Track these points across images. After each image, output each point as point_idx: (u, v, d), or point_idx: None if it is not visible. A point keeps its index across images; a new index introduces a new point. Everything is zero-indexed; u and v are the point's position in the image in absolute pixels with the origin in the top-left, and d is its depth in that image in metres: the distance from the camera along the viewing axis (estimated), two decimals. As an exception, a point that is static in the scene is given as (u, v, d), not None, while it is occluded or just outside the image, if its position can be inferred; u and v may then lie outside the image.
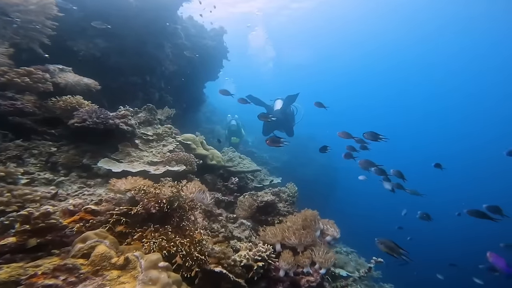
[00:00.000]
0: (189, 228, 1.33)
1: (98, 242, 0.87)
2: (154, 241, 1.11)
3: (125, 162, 2.15)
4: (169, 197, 1.31)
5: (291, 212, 2.86)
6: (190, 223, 1.39)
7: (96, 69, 3.56)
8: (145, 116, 2.85)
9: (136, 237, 1.09)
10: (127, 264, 0.89)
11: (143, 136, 2.51)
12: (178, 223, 1.32)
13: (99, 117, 1.93)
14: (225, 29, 6.23)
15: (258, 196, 2.85)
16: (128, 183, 1.28)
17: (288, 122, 4.93)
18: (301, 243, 2.07)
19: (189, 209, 1.45)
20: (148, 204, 1.20)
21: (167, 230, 1.22)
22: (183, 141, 2.92)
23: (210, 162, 3.15)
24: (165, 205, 1.26)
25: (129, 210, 1.15)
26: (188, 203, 1.43)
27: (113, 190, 1.26)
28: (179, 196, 1.37)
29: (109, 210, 1.12)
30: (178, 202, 1.35)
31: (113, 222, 1.08)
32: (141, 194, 1.21)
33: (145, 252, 1.03)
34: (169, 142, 2.64)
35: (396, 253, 2.01)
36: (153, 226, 1.19)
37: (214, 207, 2.37)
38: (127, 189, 1.23)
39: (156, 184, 1.35)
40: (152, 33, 4.12)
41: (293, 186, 3.13)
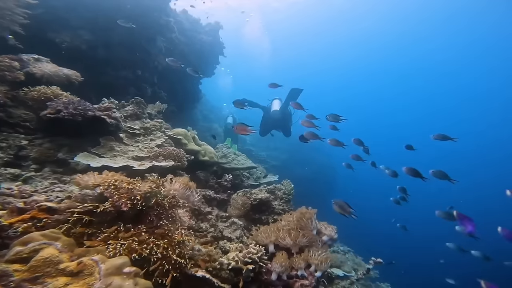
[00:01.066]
0: (167, 228, 1.17)
1: (45, 244, 0.72)
2: (123, 242, 0.95)
3: (107, 156, 1.99)
4: (144, 193, 1.15)
5: (287, 210, 2.71)
6: (170, 222, 1.24)
7: (82, 62, 3.40)
8: (133, 109, 2.69)
9: (101, 238, 0.93)
10: (82, 270, 0.74)
11: (129, 130, 2.35)
12: (155, 223, 1.16)
13: (77, 108, 1.77)
14: (221, 24, 6.06)
15: (252, 194, 2.69)
16: (98, 177, 1.13)
17: (286, 121, 4.83)
18: (295, 243, 1.92)
19: (170, 207, 1.29)
20: (118, 201, 1.04)
21: (141, 230, 1.07)
22: (173, 136, 2.76)
23: (202, 158, 2.99)
24: (140, 202, 1.10)
25: (96, 207, 0.99)
26: (169, 200, 1.27)
27: (79, 186, 1.10)
28: (157, 193, 1.22)
29: (71, 208, 0.97)
30: (155, 199, 1.19)
31: (74, 222, 0.93)
32: (111, 190, 1.05)
33: (109, 256, 0.87)
34: (157, 137, 2.48)
35: (346, 212, 2.17)
36: (124, 226, 1.04)
37: (204, 205, 2.22)
38: (95, 184, 1.08)
39: (131, 179, 1.20)
40: (143, 26, 3.95)
41: (289, 183, 2.98)
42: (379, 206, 15.86)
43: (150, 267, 0.99)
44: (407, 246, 11.98)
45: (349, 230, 10.61)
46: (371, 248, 7.08)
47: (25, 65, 1.99)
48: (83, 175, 1.14)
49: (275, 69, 21.35)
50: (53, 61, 2.64)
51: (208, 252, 1.44)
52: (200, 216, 2.02)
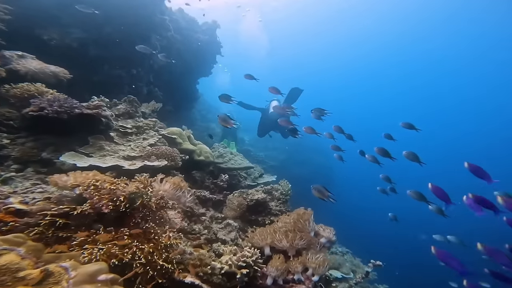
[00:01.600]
0: (154, 231, 1.09)
1: (6, 250, 0.63)
2: (101, 247, 0.87)
3: (95, 156, 1.90)
4: (129, 194, 1.07)
5: (284, 211, 2.63)
6: (157, 225, 1.15)
7: (74, 60, 3.31)
8: (125, 108, 2.60)
9: (76, 243, 0.85)
10: (46, 278, 0.65)
11: (120, 128, 2.27)
12: (140, 225, 1.08)
13: (62, 105, 1.68)
14: (218, 23, 5.99)
15: (248, 194, 2.61)
16: (78, 177, 1.04)
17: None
18: (292, 246, 1.84)
19: (158, 209, 1.21)
20: (99, 203, 0.96)
21: (123, 233, 0.98)
22: (167, 135, 2.68)
23: (197, 158, 2.91)
24: (123, 203, 1.02)
25: (72, 209, 0.91)
26: (156, 202, 1.19)
27: (57, 186, 1.02)
28: (144, 193, 1.13)
29: (44, 210, 0.89)
30: (141, 200, 1.11)
31: (47, 225, 0.85)
32: (91, 191, 0.97)
33: (83, 262, 0.79)
34: (150, 136, 2.40)
35: (325, 196, 2.20)
36: (104, 229, 0.95)
37: (198, 206, 2.14)
38: (74, 184, 0.99)
39: (115, 179, 1.11)
40: (137, 24, 3.87)
41: (286, 184, 2.90)
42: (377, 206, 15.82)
43: (132, 273, 0.91)
44: (407, 246, 11.93)
45: (347, 231, 10.55)
46: (370, 249, 7.00)
47: (8, 62, 1.90)
48: (61, 175, 1.05)
49: (274, 68, 21.29)
50: (43, 59, 2.55)
51: (199, 256, 1.35)
52: (193, 218, 1.93)
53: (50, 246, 0.80)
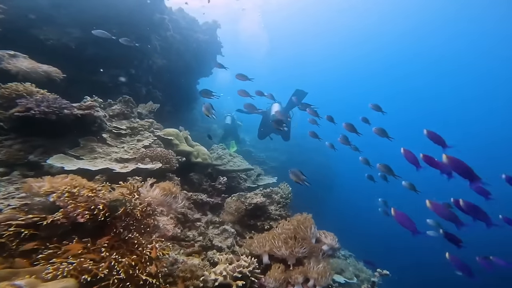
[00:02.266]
0: (138, 242, 0.99)
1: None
2: (71, 261, 0.77)
3: (86, 158, 1.81)
4: (109, 201, 0.97)
5: (284, 216, 2.51)
6: (142, 234, 1.05)
7: (71, 60, 3.24)
8: (120, 108, 2.52)
9: (42, 256, 0.75)
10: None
11: (113, 130, 2.18)
12: (122, 236, 0.98)
13: (50, 106, 1.60)
14: (218, 23, 5.91)
15: (247, 198, 2.51)
16: (53, 182, 0.95)
17: (286, 125, 4.70)
18: (292, 254, 1.73)
19: (144, 217, 1.10)
20: (73, 211, 0.86)
21: (101, 245, 0.89)
22: (163, 136, 2.59)
23: (195, 160, 2.81)
24: (102, 212, 0.92)
25: (42, 219, 0.81)
26: (142, 209, 1.09)
27: (30, 192, 0.93)
28: (127, 201, 1.03)
29: (10, 219, 0.80)
30: (124, 208, 1.01)
31: (11, 236, 0.75)
32: (65, 198, 0.87)
33: (46, 279, 0.69)
34: (145, 137, 2.31)
35: (300, 180, 2.27)
36: (78, 241, 0.86)
37: (193, 210, 2.04)
38: (47, 191, 0.90)
39: (96, 185, 1.01)
40: (136, 24, 3.80)
41: (286, 187, 2.79)
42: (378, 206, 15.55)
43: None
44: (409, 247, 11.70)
45: (349, 232, 10.36)
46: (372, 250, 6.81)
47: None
48: (37, 179, 0.96)
49: (274, 67, 21.13)
50: (40, 59, 2.48)
51: (190, 267, 1.25)
52: (187, 224, 1.83)
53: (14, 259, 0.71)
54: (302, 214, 2.06)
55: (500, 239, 11.24)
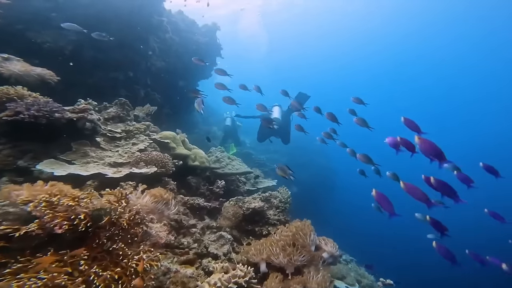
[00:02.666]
0: (123, 253, 0.92)
1: None
2: (43, 276, 0.71)
3: (78, 163, 1.75)
4: (93, 210, 0.91)
5: (283, 221, 2.44)
6: (129, 244, 0.98)
7: (68, 63, 3.21)
8: (116, 111, 2.47)
9: (9, 271, 0.69)
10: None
11: (108, 133, 2.13)
12: (106, 247, 0.92)
13: (41, 110, 1.55)
14: (218, 25, 5.88)
15: (245, 203, 2.44)
16: (32, 190, 0.89)
17: (286, 129, 4.71)
18: (291, 262, 1.66)
19: (132, 226, 1.04)
20: (51, 222, 0.80)
21: (80, 257, 0.82)
22: (160, 139, 2.53)
23: (192, 163, 2.75)
24: (84, 222, 0.86)
25: (15, 230, 0.75)
26: (130, 218, 1.03)
27: (6, 200, 0.87)
28: (112, 209, 0.97)
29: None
30: (109, 217, 0.94)
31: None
32: (42, 208, 0.81)
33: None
34: (140, 140, 2.25)
35: (286, 174, 2.29)
36: (54, 253, 0.79)
37: (189, 216, 1.97)
38: (25, 200, 0.84)
39: (79, 193, 0.95)
40: (134, 26, 3.76)
41: (285, 191, 2.72)
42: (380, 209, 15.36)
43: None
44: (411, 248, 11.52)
45: (351, 234, 10.24)
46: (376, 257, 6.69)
47: (-11, 63, 1.78)
48: (15, 186, 0.90)
49: (275, 68, 21.06)
50: (36, 62, 2.44)
51: (181, 279, 1.19)
52: (182, 230, 1.77)
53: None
54: (301, 221, 1.99)
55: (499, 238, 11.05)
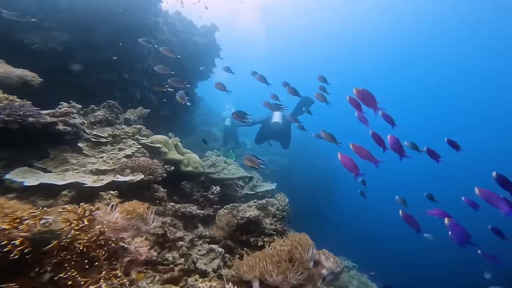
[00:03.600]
0: (74, 283, 0.76)
1: None
2: None
3: (55, 171, 1.60)
4: (36, 234, 0.75)
5: (280, 230, 2.26)
6: (86, 271, 0.82)
7: (60, 65, 3.09)
8: (104, 114, 2.32)
9: None
10: None
11: (92, 138, 1.98)
12: (46, 277, 0.76)
13: (12, 114, 1.40)
14: (217, 26, 5.74)
15: (239, 211, 2.26)
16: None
17: (286, 133, 4.58)
18: (286, 281, 1.48)
19: (92, 249, 0.87)
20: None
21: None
22: (150, 144, 2.37)
23: (185, 169, 2.59)
24: (19, 248, 0.70)
25: None
26: (90, 240, 0.86)
27: None
28: (64, 231, 0.81)
29: None
30: (58, 240, 0.78)
31: None
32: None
33: None
34: (128, 146, 2.10)
35: (256, 164, 2.23)
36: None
37: (176, 227, 1.81)
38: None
39: (23, 212, 0.79)
40: (128, 27, 3.63)
41: (283, 198, 2.54)
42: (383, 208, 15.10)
43: None
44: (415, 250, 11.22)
45: (353, 236, 9.93)
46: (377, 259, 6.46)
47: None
48: None
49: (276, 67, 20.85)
50: (25, 64, 2.31)
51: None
52: (167, 244, 1.61)
53: None
54: (299, 234, 1.81)
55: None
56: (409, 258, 10.92)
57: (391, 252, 11.20)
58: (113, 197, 1.59)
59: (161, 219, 1.71)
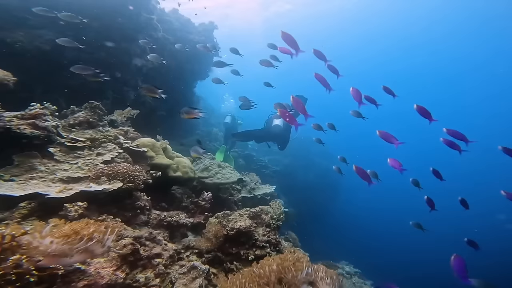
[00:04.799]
0: None
1: None
2: None
3: (18, 180, 1.42)
4: None
5: (273, 242, 2.04)
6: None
7: (47, 64, 2.92)
8: (85, 116, 2.13)
9: None
10: None
11: (67, 142, 1.79)
12: None
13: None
14: (215, 24, 5.52)
15: (229, 221, 2.05)
16: None
17: (285, 137, 4.40)
18: (273, 309, 1.26)
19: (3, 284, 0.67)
20: None
21: None
22: (134, 148, 2.17)
23: (173, 174, 2.38)
24: None
25: None
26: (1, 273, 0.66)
27: None
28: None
29: None
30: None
31: None
32: None
33: None
34: (107, 150, 1.90)
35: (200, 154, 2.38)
36: None
37: (154, 241, 1.61)
38: None
39: None
40: (120, 24, 3.44)
41: (278, 205, 2.32)
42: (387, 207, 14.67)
43: None
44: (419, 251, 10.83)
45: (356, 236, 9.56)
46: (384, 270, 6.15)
47: None
48: None
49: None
50: (7, 63, 2.15)
51: None
52: (140, 262, 1.40)
53: None
54: (292, 250, 1.59)
55: None
56: (410, 256, 10.53)
57: (393, 251, 10.83)
58: (80, 208, 1.39)
59: (137, 233, 1.50)
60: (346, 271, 4.36)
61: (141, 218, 1.89)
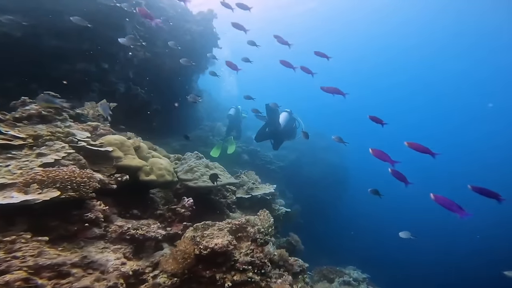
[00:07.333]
0: None
1: None
2: None
3: None
4: None
5: (258, 263, 1.55)
6: None
7: (20, 53, 2.55)
8: (37, 109, 1.72)
9: None
10: None
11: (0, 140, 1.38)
12: None
13: None
14: (215, 12, 4.96)
15: (204, 237, 1.58)
16: None
17: (284, 137, 4.00)
18: None
19: None
20: None
21: None
22: (96, 147, 1.74)
23: (145, 178, 1.93)
24: None
25: None
26: None
27: None
28: None
29: None
30: None
31: None
32: None
33: None
34: (53, 150, 1.48)
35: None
36: None
37: (89, 268, 1.17)
38: None
39: None
40: (104, 10, 3.00)
41: (267, 217, 1.81)
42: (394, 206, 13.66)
43: None
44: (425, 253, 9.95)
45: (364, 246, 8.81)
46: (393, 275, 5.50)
47: None
48: None
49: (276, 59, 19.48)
50: None
51: None
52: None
53: None
54: None
55: None
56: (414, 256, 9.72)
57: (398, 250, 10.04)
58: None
59: (61, 258, 1.07)
60: (353, 277, 3.80)
61: (94, 232, 1.47)
